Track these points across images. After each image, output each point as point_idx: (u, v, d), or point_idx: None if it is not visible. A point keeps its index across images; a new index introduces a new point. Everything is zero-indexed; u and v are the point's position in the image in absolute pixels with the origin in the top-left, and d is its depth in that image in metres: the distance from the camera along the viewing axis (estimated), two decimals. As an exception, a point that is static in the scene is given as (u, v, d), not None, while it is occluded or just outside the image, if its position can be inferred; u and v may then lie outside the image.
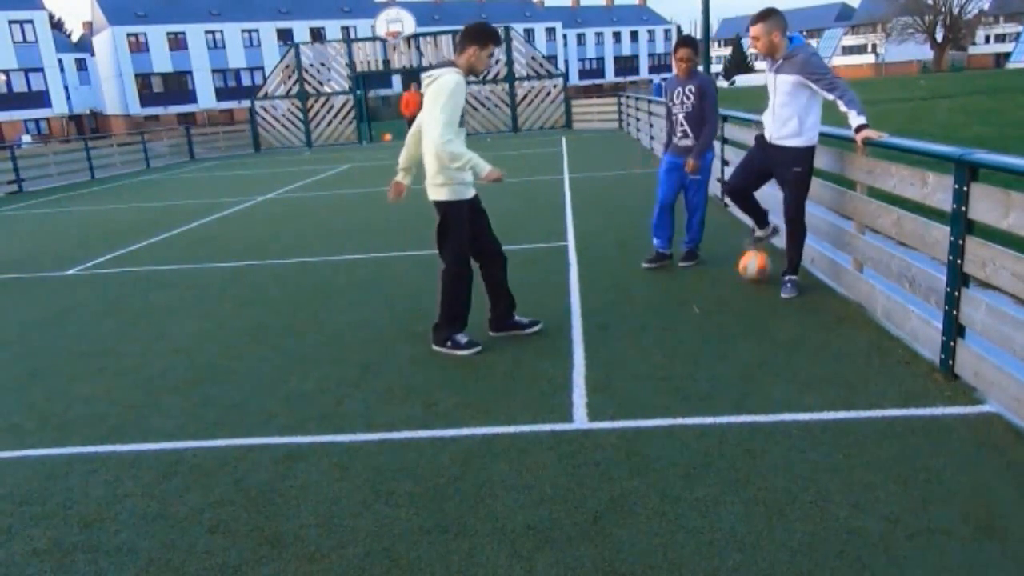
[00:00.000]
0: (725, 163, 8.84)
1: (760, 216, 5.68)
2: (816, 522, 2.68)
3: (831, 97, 4.76)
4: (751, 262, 5.67)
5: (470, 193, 4.52)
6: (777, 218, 5.57)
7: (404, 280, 6.68)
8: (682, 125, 6.12)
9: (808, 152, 5.01)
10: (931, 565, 2.42)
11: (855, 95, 4.69)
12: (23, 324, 6.09)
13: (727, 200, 8.89)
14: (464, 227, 4.53)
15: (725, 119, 8.65)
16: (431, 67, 4.44)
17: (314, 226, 10.03)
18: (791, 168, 5.03)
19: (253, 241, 9.10)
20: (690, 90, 5.99)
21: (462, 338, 4.66)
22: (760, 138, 5.27)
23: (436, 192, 4.50)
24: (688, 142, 6.11)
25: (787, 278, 5.35)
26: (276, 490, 3.17)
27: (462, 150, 4.31)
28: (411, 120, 18.88)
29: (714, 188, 9.50)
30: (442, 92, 4.24)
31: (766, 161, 5.21)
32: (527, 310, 5.24)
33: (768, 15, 4.91)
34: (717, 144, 8.99)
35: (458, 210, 4.49)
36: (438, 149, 4.25)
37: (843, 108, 4.69)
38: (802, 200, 5.15)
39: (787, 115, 4.96)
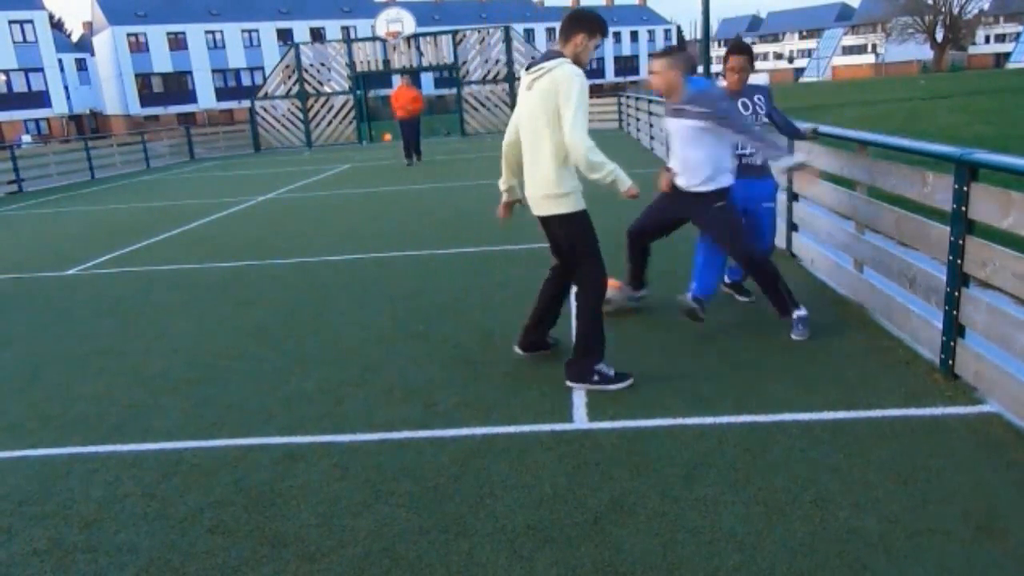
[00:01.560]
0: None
1: (640, 273, 5.33)
2: (816, 522, 2.68)
3: (741, 139, 4.60)
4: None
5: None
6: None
7: (404, 280, 6.68)
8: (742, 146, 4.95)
9: (727, 191, 4.58)
10: (931, 565, 2.42)
11: (772, 137, 4.79)
12: (23, 324, 6.09)
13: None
14: (595, 235, 4.02)
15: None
16: (536, 59, 4.00)
17: (314, 226, 10.03)
18: (712, 206, 4.56)
19: (253, 241, 9.10)
20: (759, 99, 5.07)
21: (609, 369, 4.00)
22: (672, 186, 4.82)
23: (557, 204, 3.90)
24: (758, 160, 4.94)
25: (792, 317, 4.58)
26: (276, 490, 3.17)
27: (604, 159, 3.81)
28: (405, 121, 17.79)
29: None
30: (569, 88, 3.69)
31: (679, 211, 4.85)
32: (528, 310, 5.23)
33: (670, 52, 4.63)
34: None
35: (586, 218, 4.01)
36: (580, 156, 3.71)
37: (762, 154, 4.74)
38: (740, 238, 4.58)
39: (698, 161, 4.54)
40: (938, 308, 3.81)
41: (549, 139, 3.81)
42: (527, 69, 3.95)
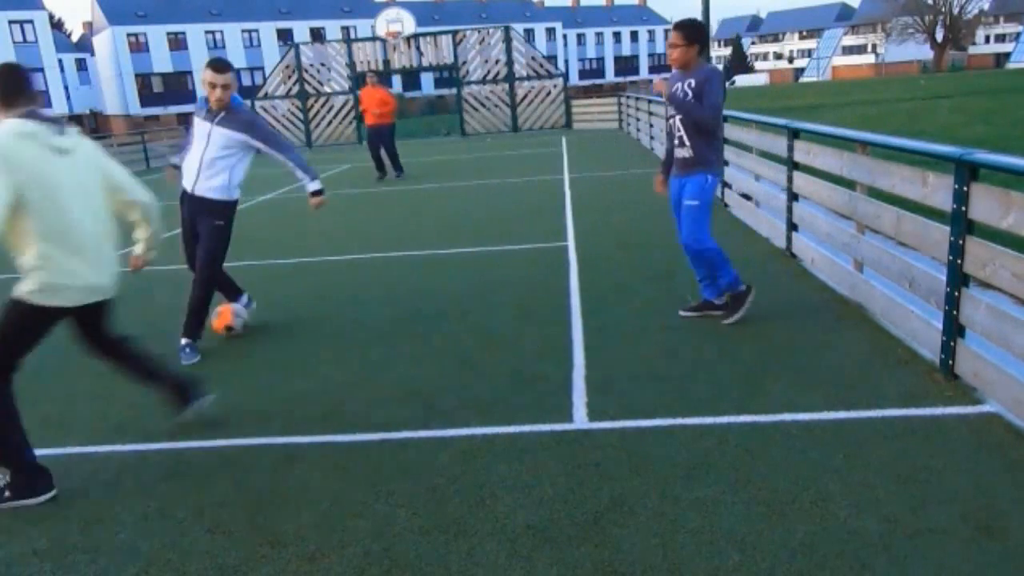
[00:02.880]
0: (725, 163, 8.81)
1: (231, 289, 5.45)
2: (816, 522, 2.68)
3: (280, 159, 5.00)
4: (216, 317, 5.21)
5: None
6: None
7: (404, 280, 6.68)
8: (679, 131, 4.72)
9: (232, 207, 5.06)
10: (931, 565, 2.42)
11: (304, 159, 5.09)
12: (23, 324, 6.08)
13: (726, 202, 8.88)
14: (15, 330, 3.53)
15: (725, 119, 8.61)
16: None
17: (314, 226, 10.03)
18: (214, 221, 5.05)
19: (253, 241, 9.09)
20: (689, 85, 4.58)
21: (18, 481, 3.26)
22: (184, 195, 5.15)
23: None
24: (685, 152, 4.72)
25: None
26: (276, 490, 3.16)
27: None
28: (372, 129, 14.82)
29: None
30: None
31: (191, 214, 5.13)
32: (528, 310, 5.25)
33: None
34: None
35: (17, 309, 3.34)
36: None
37: (298, 175, 5.08)
38: (218, 255, 5.13)
39: (218, 169, 4.95)
40: (938, 308, 3.81)
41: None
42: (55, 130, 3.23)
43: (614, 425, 3.55)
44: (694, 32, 4.58)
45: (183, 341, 4.98)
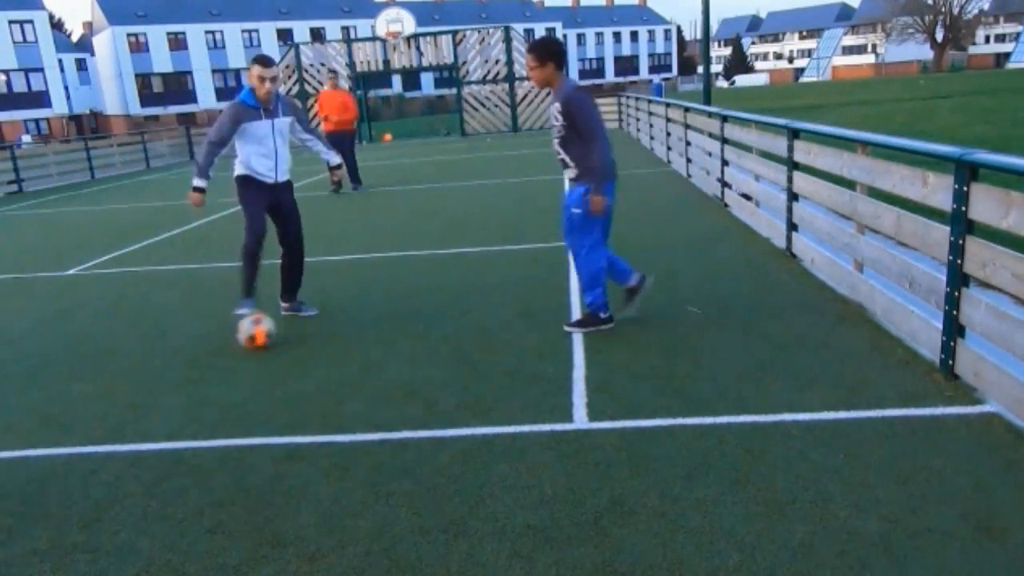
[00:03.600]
0: (725, 163, 8.83)
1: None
2: (816, 522, 2.68)
3: (310, 137, 5.69)
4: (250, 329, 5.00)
5: None
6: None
7: (404, 280, 6.68)
8: (559, 154, 4.73)
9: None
10: (931, 565, 2.42)
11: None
12: (23, 324, 6.09)
13: (726, 201, 8.88)
14: None
15: (725, 119, 8.63)
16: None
17: (313, 226, 10.00)
18: (293, 196, 5.67)
19: (253, 241, 9.09)
20: (557, 109, 4.59)
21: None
22: (262, 183, 5.47)
23: None
24: (571, 172, 4.73)
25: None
26: (276, 490, 3.16)
27: None
28: (331, 135, 12.47)
29: (713, 188, 9.52)
30: None
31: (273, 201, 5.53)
32: (528, 310, 5.24)
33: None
34: (716, 144, 9.00)
35: None
36: None
37: (323, 151, 5.77)
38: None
39: (289, 155, 5.52)
40: (938, 308, 3.81)
41: None
42: None
43: (614, 425, 3.55)
44: (544, 51, 4.58)
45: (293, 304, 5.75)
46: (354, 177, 13.15)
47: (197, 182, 5.34)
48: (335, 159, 5.80)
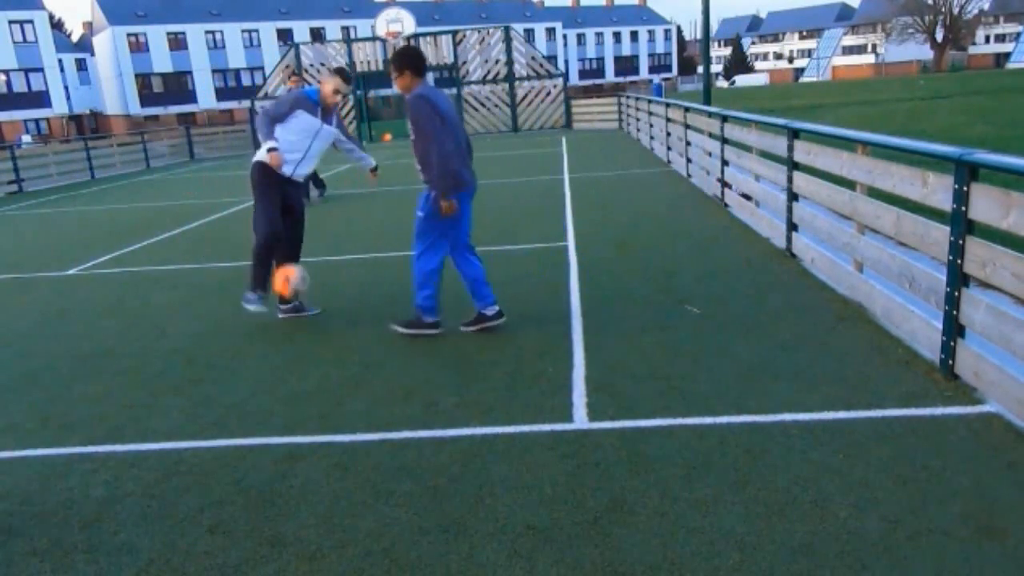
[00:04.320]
0: (725, 163, 8.83)
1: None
2: (816, 522, 2.68)
3: (350, 144, 5.73)
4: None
5: None
6: None
7: (404, 280, 6.67)
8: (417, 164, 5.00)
9: None
10: (931, 565, 2.42)
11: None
12: (23, 324, 6.09)
13: (726, 201, 8.87)
14: None
15: (725, 119, 8.63)
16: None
17: (314, 226, 10.02)
18: (303, 197, 5.86)
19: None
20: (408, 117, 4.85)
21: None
22: (276, 175, 5.34)
23: None
24: (424, 176, 4.99)
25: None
26: (276, 490, 3.16)
27: None
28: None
29: (713, 188, 9.51)
30: None
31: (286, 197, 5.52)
32: (528, 310, 5.23)
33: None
34: (716, 144, 9.00)
35: None
36: None
37: (358, 156, 5.75)
38: None
39: (317, 159, 5.59)
40: (938, 308, 3.81)
41: None
42: None
43: (614, 425, 3.55)
44: (400, 60, 4.76)
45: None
46: (318, 182, 12.19)
47: (270, 144, 5.38)
48: (372, 161, 5.88)
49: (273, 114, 5.34)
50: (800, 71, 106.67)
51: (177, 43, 58.29)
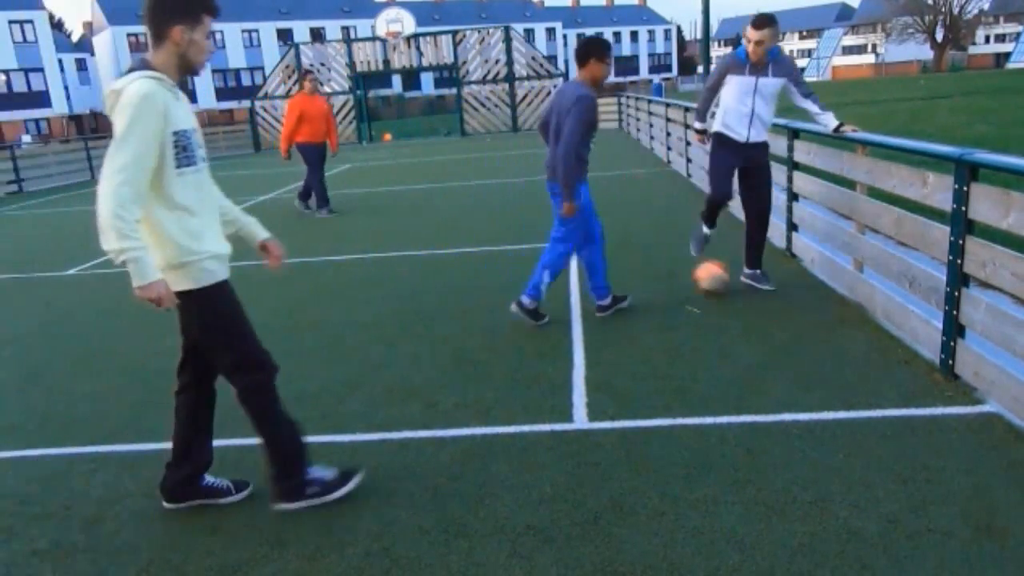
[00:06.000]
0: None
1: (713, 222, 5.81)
2: (816, 522, 2.68)
3: (805, 100, 5.29)
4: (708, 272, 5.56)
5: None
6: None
7: (405, 280, 6.68)
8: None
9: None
10: (931, 565, 2.42)
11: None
12: (23, 324, 6.09)
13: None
14: (237, 314, 3.12)
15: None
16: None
17: (314, 226, 10.03)
18: (765, 159, 5.43)
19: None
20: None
21: (328, 471, 3.10)
22: (730, 141, 5.34)
23: (175, 279, 2.85)
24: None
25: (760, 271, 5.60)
26: (276, 490, 3.16)
27: (130, 231, 2.56)
28: (308, 147, 10.63)
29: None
30: (121, 118, 2.51)
31: (741, 162, 5.41)
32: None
33: (776, 20, 5.05)
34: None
35: (216, 295, 3.00)
36: (101, 213, 2.51)
37: (817, 109, 5.24)
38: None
39: (767, 117, 5.29)
40: (938, 308, 3.81)
41: None
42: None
43: (614, 425, 3.55)
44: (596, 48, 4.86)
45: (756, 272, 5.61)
46: (324, 196, 10.88)
47: (697, 124, 5.45)
48: (832, 121, 5.17)
49: (709, 85, 5.41)
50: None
51: (177, 43, 58.25)
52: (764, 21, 5.05)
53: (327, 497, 3.01)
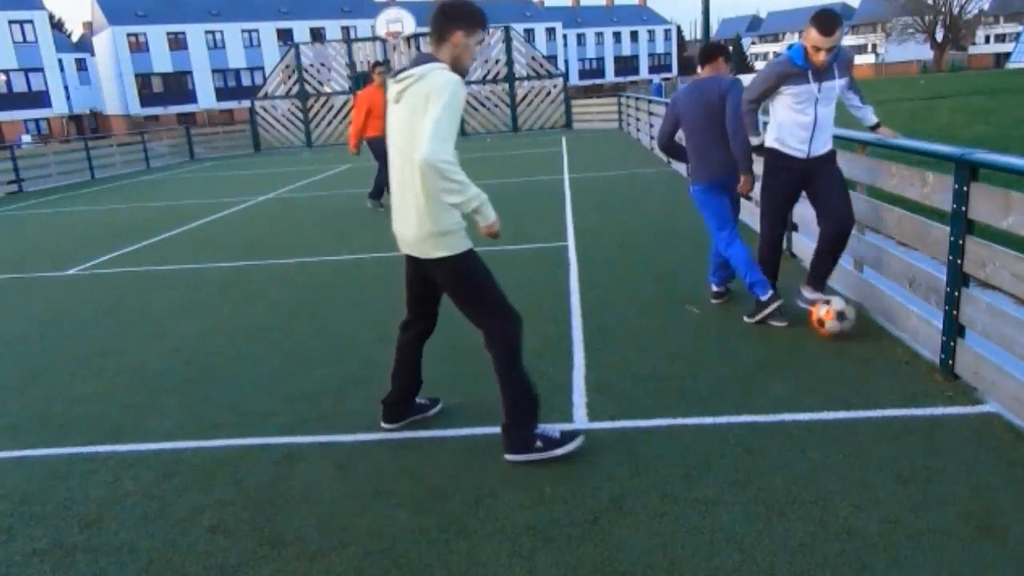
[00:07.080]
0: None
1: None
2: (816, 522, 2.68)
3: (849, 91, 4.71)
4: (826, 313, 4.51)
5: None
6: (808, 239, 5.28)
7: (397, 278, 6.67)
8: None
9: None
10: (931, 565, 2.42)
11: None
12: (23, 324, 6.09)
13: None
14: (489, 277, 3.45)
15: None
16: (405, 65, 3.24)
17: (315, 226, 10.03)
18: (836, 167, 4.63)
19: (253, 241, 9.10)
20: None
21: (554, 430, 3.31)
22: (788, 160, 4.64)
23: (435, 246, 3.25)
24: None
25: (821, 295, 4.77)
26: (276, 490, 3.16)
27: (465, 179, 3.27)
28: (378, 141, 9.88)
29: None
30: (440, 96, 3.07)
31: (803, 183, 4.70)
32: (528, 310, 5.21)
33: (841, 17, 4.45)
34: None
35: (473, 260, 3.37)
36: (431, 171, 3.14)
37: (859, 103, 4.77)
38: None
39: (831, 122, 4.56)
40: (938, 308, 3.81)
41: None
42: (394, 77, 3.20)
43: (614, 425, 3.55)
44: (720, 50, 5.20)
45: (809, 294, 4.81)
46: (380, 192, 11.29)
47: (754, 140, 4.73)
48: (872, 118, 4.75)
49: (750, 97, 4.69)
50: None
51: (177, 43, 58.27)
52: (835, 22, 4.31)
53: (550, 453, 3.23)
